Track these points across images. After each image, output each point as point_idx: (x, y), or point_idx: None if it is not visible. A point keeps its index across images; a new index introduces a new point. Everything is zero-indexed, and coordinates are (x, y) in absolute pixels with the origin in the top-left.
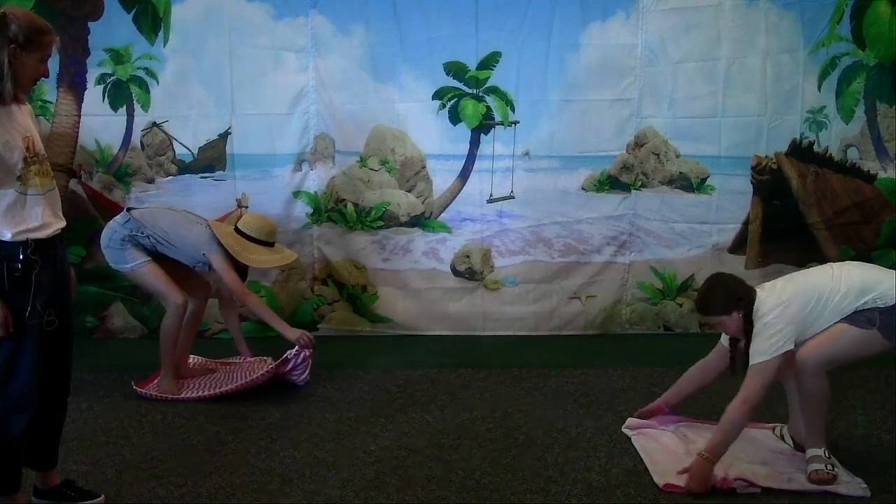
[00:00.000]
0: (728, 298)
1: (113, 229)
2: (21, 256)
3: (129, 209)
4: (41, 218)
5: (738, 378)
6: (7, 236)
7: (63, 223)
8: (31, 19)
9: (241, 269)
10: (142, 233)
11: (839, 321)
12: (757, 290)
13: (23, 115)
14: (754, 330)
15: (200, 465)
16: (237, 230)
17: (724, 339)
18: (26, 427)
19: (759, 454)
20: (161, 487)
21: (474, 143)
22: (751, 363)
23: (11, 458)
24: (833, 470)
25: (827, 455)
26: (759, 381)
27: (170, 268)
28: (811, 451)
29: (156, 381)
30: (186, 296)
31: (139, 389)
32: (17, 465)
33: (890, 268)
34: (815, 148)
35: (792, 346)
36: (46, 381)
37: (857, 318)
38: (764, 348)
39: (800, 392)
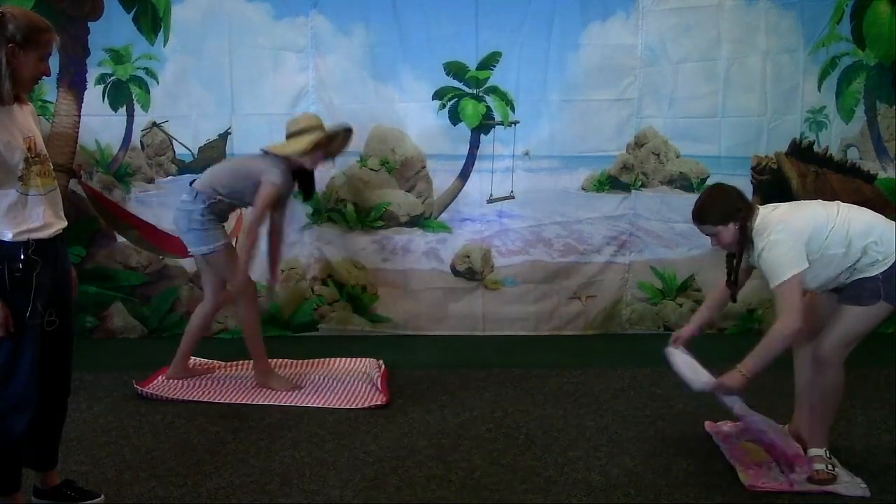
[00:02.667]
0: (726, 208)
1: (188, 210)
2: (22, 256)
3: (191, 183)
4: (43, 218)
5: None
6: (8, 236)
7: (64, 223)
8: (29, 18)
9: (308, 186)
10: (216, 199)
11: (844, 303)
12: (760, 208)
13: (24, 115)
14: (763, 252)
15: (200, 465)
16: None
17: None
18: (26, 427)
19: (758, 456)
20: (161, 487)
21: (474, 143)
22: (773, 287)
23: (11, 458)
24: (833, 470)
25: (828, 455)
26: (790, 300)
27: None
28: (813, 451)
29: (191, 379)
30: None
31: (140, 389)
32: (17, 465)
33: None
34: (815, 148)
35: (807, 265)
36: (47, 381)
37: (861, 294)
38: (783, 264)
39: (818, 387)
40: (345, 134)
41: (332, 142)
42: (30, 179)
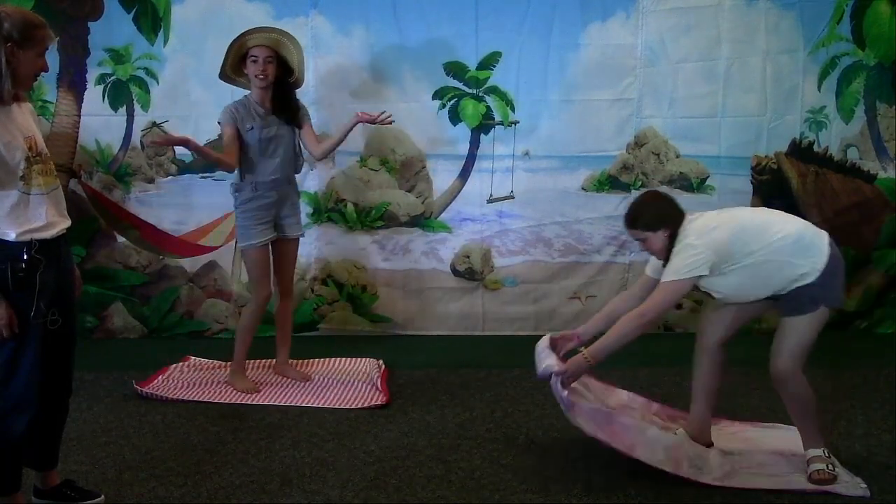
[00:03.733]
0: (657, 215)
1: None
2: (25, 256)
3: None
4: (46, 217)
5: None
6: (11, 236)
7: (68, 222)
8: (23, 16)
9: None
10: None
11: (785, 317)
12: (689, 215)
13: (23, 114)
14: (674, 250)
15: (200, 465)
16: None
17: (649, 269)
18: (26, 427)
19: (757, 456)
20: (161, 487)
21: (474, 143)
22: (662, 279)
23: (12, 458)
24: (834, 470)
25: (827, 454)
26: (664, 298)
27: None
28: (811, 452)
29: (191, 379)
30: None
31: (140, 389)
32: (17, 465)
33: (889, 269)
34: (815, 148)
35: (706, 272)
36: (48, 380)
37: (801, 304)
38: (678, 268)
39: (789, 401)
40: (280, 38)
41: (258, 49)
42: (31, 179)
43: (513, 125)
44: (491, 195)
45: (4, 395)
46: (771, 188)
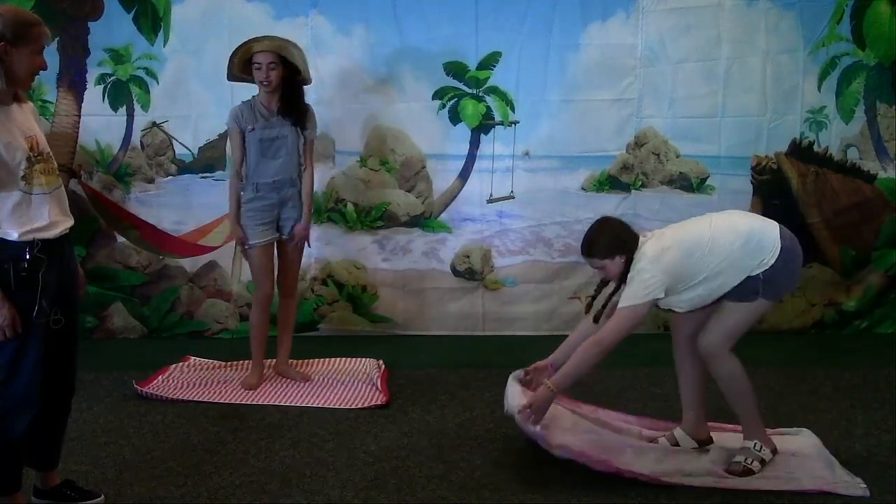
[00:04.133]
0: (613, 242)
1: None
2: (28, 256)
3: None
4: (48, 217)
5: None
6: (13, 236)
7: (71, 221)
8: (16, 14)
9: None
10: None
11: (726, 300)
12: (641, 237)
13: (24, 114)
14: (629, 276)
15: (200, 465)
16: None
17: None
18: (27, 427)
19: None
20: (161, 487)
21: (474, 143)
22: (619, 305)
23: (12, 458)
24: (752, 463)
25: (758, 448)
26: (621, 325)
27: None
28: (744, 442)
29: (191, 379)
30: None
31: (140, 389)
32: (17, 465)
33: (889, 269)
34: (815, 148)
35: (662, 295)
36: (50, 380)
37: (743, 292)
38: (634, 293)
39: (718, 382)
40: (283, 44)
41: (261, 56)
42: (33, 179)
43: (513, 125)
44: (491, 195)
45: (6, 394)
46: (771, 188)
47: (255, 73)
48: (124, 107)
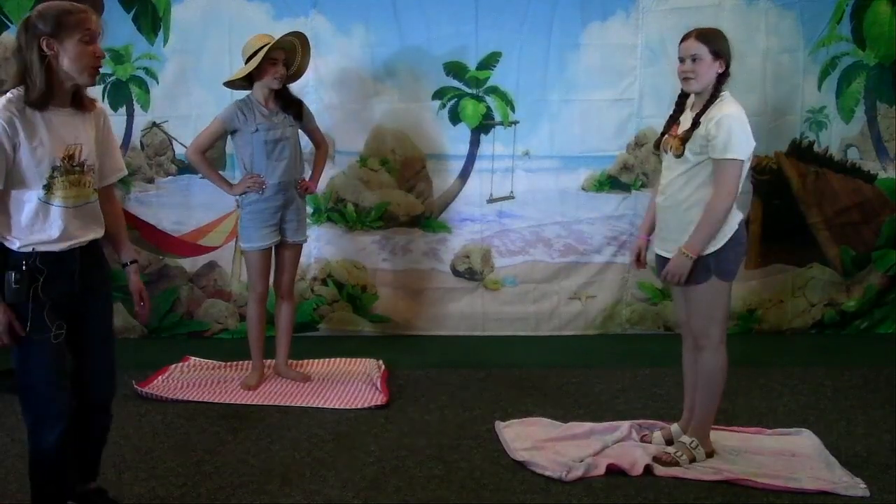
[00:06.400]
0: (728, 49)
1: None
2: (24, 268)
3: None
4: (60, 230)
5: None
6: (15, 245)
7: (92, 235)
8: (54, 6)
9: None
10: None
11: (687, 287)
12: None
13: (77, 120)
14: (721, 118)
15: (200, 465)
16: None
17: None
18: (58, 441)
19: (756, 457)
20: (161, 487)
21: (474, 143)
22: (718, 157)
23: (49, 473)
24: (681, 457)
25: (694, 446)
26: (732, 181)
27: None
28: (684, 437)
29: (191, 379)
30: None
31: (140, 389)
32: (58, 478)
33: (889, 269)
34: (815, 148)
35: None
36: (80, 390)
37: (697, 272)
38: (735, 141)
39: (699, 372)
40: (293, 40)
41: (277, 52)
42: (55, 190)
43: (513, 125)
44: (491, 195)
45: (25, 410)
46: (771, 188)
47: (270, 69)
48: (124, 107)
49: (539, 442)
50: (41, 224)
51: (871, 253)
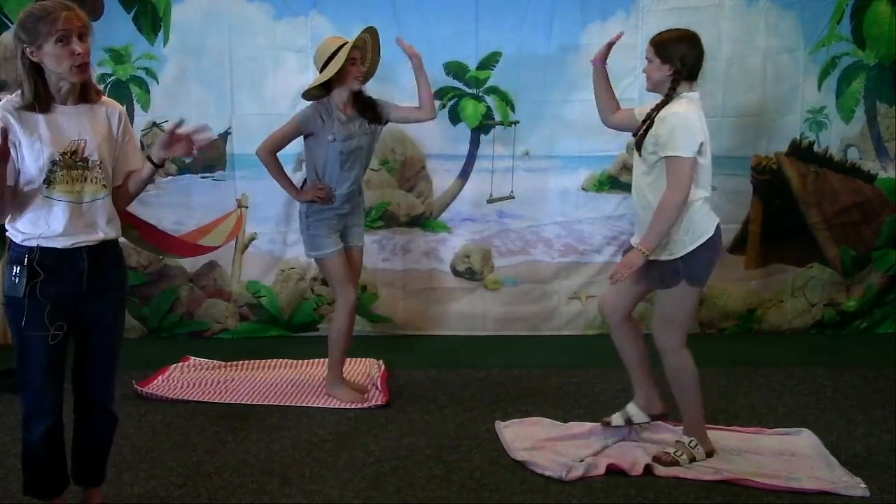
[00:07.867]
0: (678, 53)
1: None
2: (25, 262)
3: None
4: (62, 226)
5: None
6: (18, 238)
7: (102, 235)
8: (27, 12)
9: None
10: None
11: (657, 288)
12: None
13: (84, 115)
14: (668, 117)
15: (200, 465)
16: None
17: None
18: (44, 435)
19: (756, 457)
20: (161, 487)
21: (474, 143)
22: (666, 154)
23: (36, 464)
24: (681, 456)
25: (692, 445)
26: (683, 177)
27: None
28: (681, 436)
29: (191, 379)
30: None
31: (140, 389)
32: (45, 471)
33: (889, 269)
34: (815, 148)
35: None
36: (80, 390)
37: (665, 276)
38: (683, 139)
39: (667, 375)
40: (365, 36)
41: (355, 51)
42: (56, 184)
43: (513, 125)
44: (491, 195)
45: (23, 400)
46: (771, 188)
47: (352, 69)
48: (124, 107)
49: (539, 442)
50: (44, 218)
51: (871, 253)
